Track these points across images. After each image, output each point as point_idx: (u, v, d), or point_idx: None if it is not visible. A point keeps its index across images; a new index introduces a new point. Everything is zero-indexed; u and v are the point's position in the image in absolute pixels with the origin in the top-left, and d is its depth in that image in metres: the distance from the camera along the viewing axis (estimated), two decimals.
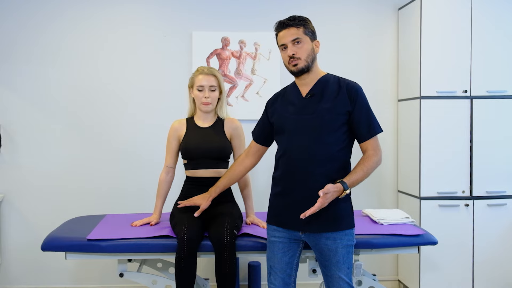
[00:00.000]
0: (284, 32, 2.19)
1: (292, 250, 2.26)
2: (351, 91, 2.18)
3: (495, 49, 3.32)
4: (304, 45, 2.18)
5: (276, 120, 2.30)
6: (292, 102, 2.26)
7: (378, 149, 2.21)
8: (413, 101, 3.43)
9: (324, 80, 2.23)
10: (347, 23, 3.70)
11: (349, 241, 2.18)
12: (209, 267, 3.46)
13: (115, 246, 2.48)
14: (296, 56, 2.17)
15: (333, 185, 2.08)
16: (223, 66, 3.58)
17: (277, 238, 2.26)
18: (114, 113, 3.58)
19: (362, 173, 2.15)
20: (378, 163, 2.20)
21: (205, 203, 2.58)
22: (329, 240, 2.15)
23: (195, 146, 2.72)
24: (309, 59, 2.19)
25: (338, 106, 2.16)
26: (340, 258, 2.16)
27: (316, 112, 2.17)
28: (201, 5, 3.60)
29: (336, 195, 2.10)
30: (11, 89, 3.53)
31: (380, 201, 3.74)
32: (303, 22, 2.20)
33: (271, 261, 2.28)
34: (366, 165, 2.16)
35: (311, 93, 2.21)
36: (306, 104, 2.21)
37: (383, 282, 3.66)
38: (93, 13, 3.55)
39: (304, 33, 2.18)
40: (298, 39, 2.17)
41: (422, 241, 2.58)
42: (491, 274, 3.33)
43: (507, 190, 3.35)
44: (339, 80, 2.23)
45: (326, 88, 2.20)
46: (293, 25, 2.18)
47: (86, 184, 3.57)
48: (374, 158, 2.18)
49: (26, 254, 3.55)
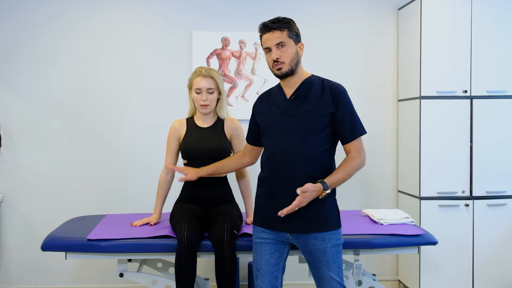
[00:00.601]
0: (268, 35, 2.19)
1: (279, 251, 2.26)
2: (334, 92, 2.18)
3: (495, 49, 3.32)
4: (288, 49, 2.18)
5: (261, 121, 2.31)
6: (277, 104, 2.26)
7: (362, 150, 2.21)
8: (413, 101, 3.43)
9: (308, 81, 2.24)
10: (347, 23, 3.70)
11: (337, 240, 2.20)
12: (209, 267, 3.46)
13: (115, 246, 2.48)
14: (280, 60, 2.17)
15: (313, 185, 2.09)
16: (223, 66, 3.58)
17: (263, 240, 2.26)
18: (114, 113, 3.58)
19: (344, 174, 2.15)
20: (361, 165, 2.20)
21: (193, 174, 2.57)
22: (317, 240, 2.16)
23: (195, 146, 2.72)
24: (293, 62, 2.19)
25: (321, 108, 2.16)
26: (330, 257, 2.16)
27: (300, 114, 2.18)
28: (201, 5, 3.60)
29: (315, 194, 2.10)
30: (12, 89, 3.53)
31: (380, 201, 3.74)
32: (287, 24, 2.19)
33: (257, 263, 2.28)
34: (348, 166, 2.16)
35: (295, 94, 2.22)
36: (290, 106, 2.21)
37: (383, 282, 3.66)
38: (93, 14, 3.56)
39: (288, 36, 2.18)
40: (282, 42, 2.17)
41: (422, 241, 2.58)
42: (491, 274, 3.33)
43: (507, 190, 3.35)
44: (323, 82, 2.23)
45: (310, 89, 2.21)
46: (277, 28, 2.17)
47: (86, 184, 3.58)
48: (357, 159, 2.18)
49: (26, 254, 3.55)
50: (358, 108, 2.25)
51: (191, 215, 2.59)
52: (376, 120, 3.70)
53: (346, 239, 2.50)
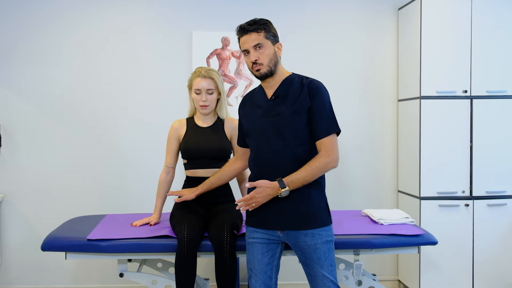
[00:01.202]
0: (245, 37, 2.19)
1: (272, 251, 2.26)
2: (311, 88, 2.17)
3: (495, 49, 3.32)
4: (265, 50, 2.17)
5: (245, 123, 2.32)
6: (259, 104, 2.27)
7: (332, 150, 2.15)
8: (413, 101, 3.43)
9: (288, 80, 2.24)
10: (347, 23, 3.70)
11: (328, 236, 2.19)
12: (209, 267, 3.46)
13: (115, 246, 2.48)
14: (259, 61, 2.17)
15: (267, 181, 2.10)
16: (223, 66, 3.58)
17: (255, 239, 2.26)
18: (114, 113, 3.58)
19: (305, 173, 2.10)
20: (329, 165, 2.14)
21: (189, 195, 2.60)
22: (307, 237, 2.16)
23: (195, 146, 2.73)
24: (271, 63, 2.19)
25: (300, 105, 2.16)
26: (321, 255, 2.16)
27: (280, 114, 2.18)
28: (201, 5, 3.60)
29: (270, 191, 2.10)
30: (12, 89, 3.53)
31: (380, 201, 3.74)
32: (264, 26, 2.19)
33: (250, 263, 2.28)
34: (311, 165, 2.12)
35: (275, 95, 2.22)
36: (270, 106, 2.22)
37: (383, 282, 3.66)
38: (93, 14, 3.56)
39: (265, 37, 2.18)
40: (259, 44, 2.17)
41: (422, 241, 2.58)
42: (491, 274, 3.33)
43: (507, 190, 3.35)
44: (303, 80, 2.23)
45: (290, 88, 2.21)
46: (254, 30, 2.17)
47: (86, 184, 3.58)
48: (323, 159, 2.13)
49: (26, 254, 3.55)
50: (358, 108, 2.25)
51: (191, 215, 2.59)
52: (376, 120, 3.70)
53: (346, 239, 2.50)
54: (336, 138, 2.19)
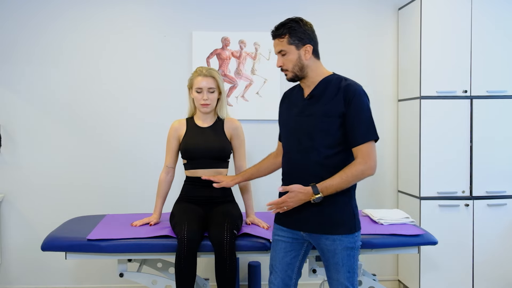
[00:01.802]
0: (273, 42, 2.20)
1: (295, 251, 2.24)
2: (348, 92, 2.09)
3: (495, 49, 3.32)
4: (288, 56, 2.15)
5: (280, 120, 2.32)
6: (296, 103, 2.25)
7: (369, 157, 2.10)
8: (413, 101, 3.43)
9: (326, 81, 2.18)
10: (347, 23, 3.70)
11: (350, 243, 2.12)
12: (209, 267, 3.46)
13: (115, 246, 2.48)
14: (284, 67, 2.18)
15: (300, 186, 2.06)
16: (223, 66, 3.58)
17: (280, 237, 2.25)
18: (114, 113, 3.58)
19: (340, 180, 2.05)
20: (366, 173, 2.09)
21: (229, 182, 2.57)
22: (328, 240, 2.13)
23: (195, 146, 2.72)
24: (295, 69, 2.16)
25: (333, 108, 2.10)
26: (339, 260, 2.12)
27: (312, 114, 2.15)
28: (201, 5, 3.60)
29: (302, 196, 2.07)
30: (12, 89, 3.53)
31: (380, 201, 3.74)
32: (288, 30, 2.13)
33: (272, 260, 2.28)
34: (346, 172, 2.06)
35: (311, 95, 2.19)
36: (305, 106, 2.19)
37: (383, 282, 3.66)
38: (93, 14, 3.56)
39: (288, 43, 2.13)
40: (282, 51, 2.16)
41: (422, 241, 2.58)
42: (491, 274, 3.33)
43: (507, 190, 3.35)
44: (341, 81, 2.15)
45: (327, 90, 2.16)
46: (277, 36, 2.16)
47: (86, 184, 3.58)
48: (359, 166, 2.07)
49: (26, 254, 3.55)
50: None
51: (191, 215, 2.59)
52: (376, 120, 3.61)
53: None
54: (374, 145, 2.13)
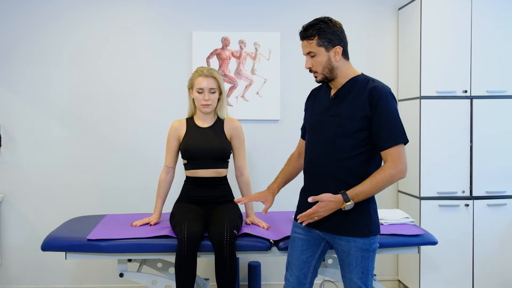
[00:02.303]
0: (302, 43, 2.16)
1: (312, 250, 2.24)
2: (373, 95, 2.05)
3: (495, 49, 3.32)
4: (318, 58, 2.12)
5: (306, 117, 2.32)
6: (322, 102, 2.23)
7: (399, 161, 2.02)
8: (413, 101, 3.43)
9: (352, 81, 2.15)
10: (347, 24, 3.63)
11: (365, 245, 2.10)
12: (209, 267, 3.46)
13: (115, 246, 2.48)
14: (313, 69, 2.15)
15: (331, 195, 2.03)
16: (223, 66, 3.58)
17: (298, 234, 2.26)
18: (114, 113, 3.58)
19: (370, 185, 2.02)
20: (395, 177, 2.03)
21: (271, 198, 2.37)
22: (342, 241, 2.13)
23: (195, 146, 2.72)
24: (325, 71, 2.13)
25: (356, 110, 2.06)
26: (353, 260, 2.10)
27: (336, 114, 2.13)
28: (201, 5, 3.60)
29: (333, 205, 2.03)
30: (12, 89, 3.53)
31: (380, 201, 3.70)
32: (318, 31, 2.09)
33: (289, 256, 2.29)
34: (376, 177, 2.02)
35: (336, 94, 2.17)
36: (330, 106, 2.17)
37: (383, 282, 3.66)
38: (93, 14, 3.56)
39: (318, 45, 2.10)
40: (311, 53, 2.13)
41: (422, 241, 2.58)
42: (491, 274, 3.33)
43: (507, 190, 3.35)
44: (368, 83, 2.11)
45: (352, 90, 2.12)
46: (306, 38, 2.12)
47: (86, 184, 3.58)
48: (389, 170, 2.02)
49: (26, 254, 3.55)
50: None
51: (191, 215, 2.59)
52: None
53: None
54: (404, 148, 2.05)
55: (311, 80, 2.46)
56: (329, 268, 2.67)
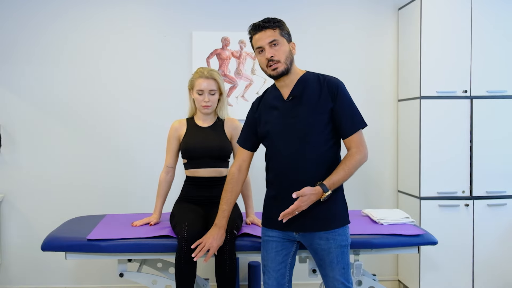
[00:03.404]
0: (260, 34, 2.15)
1: (286, 249, 2.25)
2: (332, 87, 2.15)
3: (495, 49, 3.32)
4: (281, 47, 2.15)
5: (261, 126, 2.27)
6: (275, 106, 2.23)
7: (362, 145, 2.15)
8: (413, 101, 3.43)
9: (304, 79, 2.20)
10: (347, 24, 3.70)
11: (342, 241, 2.16)
12: (209, 267, 3.46)
13: (115, 246, 2.48)
14: (275, 58, 2.14)
15: (311, 188, 2.06)
16: (223, 66, 3.58)
17: (270, 238, 2.26)
18: (114, 112, 3.58)
19: (344, 173, 2.10)
20: (362, 160, 2.15)
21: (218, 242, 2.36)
22: (322, 240, 2.15)
23: (195, 146, 2.73)
24: (287, 61, 2.16)
25: (321, 105, 2.13)
26: (334, 258, 2.15)
27: (300, 114, 2.15)
28: (201, 5, 3.61)
29: (314, 198, 2.07)
30: (12, 89, 3.53)
31: (380, 201, 3.74)
32: (279, 23, 2.16)
33: (264, 260, 2.28)
34: (347, 165, 2.11)
35: (292, 95, 2.19)
36: (288, 107, 2.18)
37: (383, 282, 3.66)
38: (93, 14, 3.56)
39: (281, 35, 2.15)
40: (275, 41, 2.14)
41: (422, 241, 2.58)
42: (491, 274, 3.33)
43: (507, 190, 3.35)
44: (319, 78, 2.19)
45: (307, 88, 2.18)
46: (269, 27, 2.14)
47: (86, 184, 3.58)
48: (357, 156, 2.13)
49: (26, 254, 3.55)
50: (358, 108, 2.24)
51: (191, 215, 2.59)
52: (376, 120, 3.70)
53: None
54: (362, 133, 2.18)
55: None
56: None
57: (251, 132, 2.33)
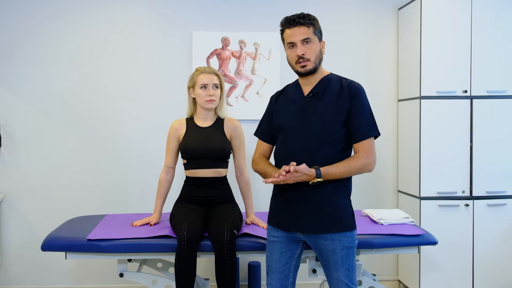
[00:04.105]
0: (293, 30, 2.14)
1: (291, 251, 2.24)
2: (352, 90, 2.15)
3: (495, 49, 3.32)
4: (313, 46, 2.14)
5: (277, 118, 2.27)
6: (294, 100, 2.23)
7: (371, 153, 2.14)
8: (413, 101, 3.43)
9: (326, 79, 2.21)
10: (347, 24, 3.70)
11: (349, 242, 2.14)
12: (209, 267, 3.46)
13: (115, 246, 2.48)
14: (306, 57, 2.13)
15: (307, 168, 2.03)
16: (223, 66, 3.58)
17: (275, 238, 2.25)
18: (114, 112, 3.58)
19: (343, 169, 2.08)
20: (367, 167, 2.13)
21: None
22: (327, 241, 2.14)
23: (195, 146, 2.73)
24: (317, 60, 2.15)
25: (339, 106, 2.13)
26: (339, 259, 2.13)
27: (317, 112, 2.14)
28: (201, 5, 3.60)
29: (305, 178, 2.04)
30: (12, 89, 3.53)
31: (380, 201, 3.74)
32: (313, 21, 2.15)
33: (269, 261, 2.28)
34: (350, 163, 2.10)
35: (313, 92, 2.18)
36: (307, 104, 2.18)
37: (383, 282, 3.66)
38: (93, 14, 3.56)
39: (314, 33, 2.14)
40: (308, 39, 2.13)
41: (422, 241, 2.58)
42: (491, 274, 3.33)
43: (507, 190, 3.35)
44: (342, 80, 2.20)
45: (328, 88, 2.18)
46: (304, 24, 2.13)
47: (86, 184, 3.58)
48: (363, 160, 2.12)
49: (26, 254, 3.55)
50: None
51: (191, 215, 2.59)
52: (376, 120, 3.66)
53: None
54: (374, 142, 2.17)
55: None
56: None
57: (270, 125, 2.32)
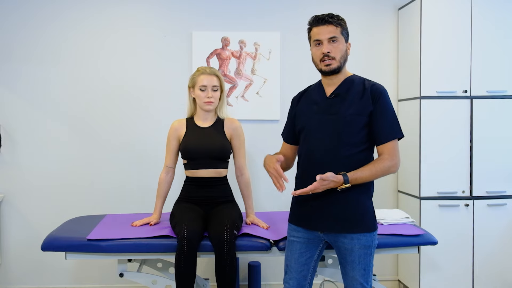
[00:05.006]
0: (321, 28, 2.16)
1: (310, 252, 2.24)
2: (375, 92, 2.14)
3: (495, 49, 3.32)
4: (339, 45, 2.15)
5: (299, 119, 2.28)
6: (316, 101, 2.23)
7: (395, 155, 2.14)
8: (413, 101, 3.43)
9: (349, 80, 2.20)
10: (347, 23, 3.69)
11: (367, 241, 2.14)
12: (209, 267, 3.46)
13: (115, 246, 2.48)
14: (331, 55, 2.14)
15: (334, 175, 2.04)
16: (223, 66, 3.58)
17: (296, 238, 2.25)
18: (114, 113, 3.58)
19: (369, 173, 2.09)
20: (392, 169, 2.13)
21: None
22: (346, 239, 2.14)
23: (195, 146, 2.73)
24: (342, 60, 2.16)
25: (361, 107, 2.13)
26: (356, 258, 2.13)
27: (339, 112, 2.14)
28: (201, 5, 3.60)
29: (333, 185, 2.05)
30: (11, 89, 3.53)
31: (380, 201, 3.74)
32: (341, 22, 2.18)
33: (288, 260, 2.28)
34: (375, 166, 2.10)
35: (336, 93, 2.18)
36: (329, 104, 2.18)
37: (383, 282, 3.66)
38: (93, 13, 3.56)
39: (341, 33, 2.17)
40: (335, 37, 2.14)
41: (422, 241, 2.58)
42: (491, 274, 3.33)
43: (507, 190, 3.35)
44: (364, 82, 2.20)
45: (351, 89, 2.17)
46: (332, 23, 2.16)
47: (86, 184, 3.58)
48: (387, 162, 2.11)
49: (26, 254, 3.55)
50: None
51: (191, 215, 2.59)
52: None
53: None
54: (398, 143, 2.17)
55: (311, 80, 2.47)
56: (329, 268, 2.67)
57: (293, 126, 2.33)
